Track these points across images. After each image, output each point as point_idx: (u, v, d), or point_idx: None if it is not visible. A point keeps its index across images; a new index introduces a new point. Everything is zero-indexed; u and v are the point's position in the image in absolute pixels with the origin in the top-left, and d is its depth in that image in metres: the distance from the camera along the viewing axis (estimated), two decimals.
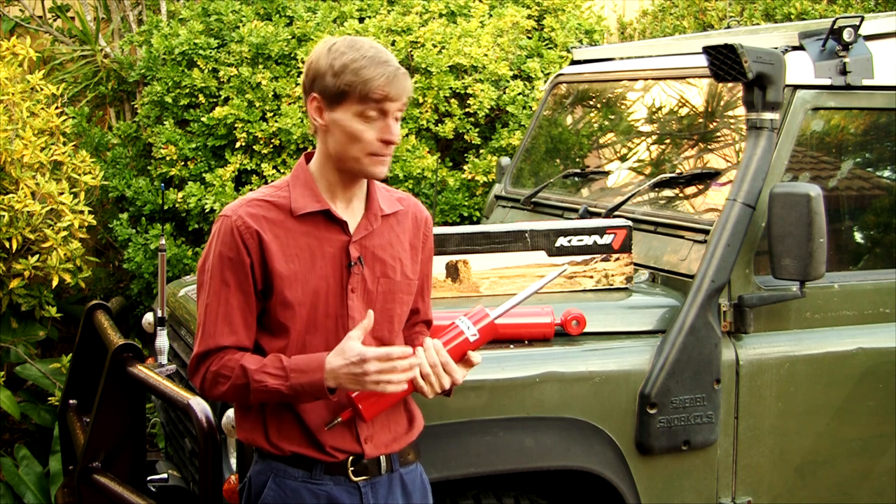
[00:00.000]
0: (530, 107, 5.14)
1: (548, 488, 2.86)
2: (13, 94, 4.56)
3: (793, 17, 6.44)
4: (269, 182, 4.77)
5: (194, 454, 2.95)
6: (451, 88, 5.05)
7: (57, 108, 4.81)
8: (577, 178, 3.77)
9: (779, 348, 3.00)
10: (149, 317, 3.57)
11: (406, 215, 2.30)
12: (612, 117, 3.87)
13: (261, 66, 5.12)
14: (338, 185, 2.19)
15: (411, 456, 2.30)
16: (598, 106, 3.98)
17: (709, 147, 3.33)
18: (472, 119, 5.14)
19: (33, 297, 4.67)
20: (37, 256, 4.44)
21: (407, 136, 4.97)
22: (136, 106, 5.75)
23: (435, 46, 5.15)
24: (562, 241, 3.09)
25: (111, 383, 2.77)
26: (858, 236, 3.29)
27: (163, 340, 3.21)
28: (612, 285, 3.09)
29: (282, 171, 4.97)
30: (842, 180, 3.23)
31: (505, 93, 5.18)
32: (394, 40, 5.20)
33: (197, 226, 5.13)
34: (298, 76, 5.10)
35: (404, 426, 2.28)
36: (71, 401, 3.34)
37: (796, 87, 3.02)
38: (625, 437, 2.80)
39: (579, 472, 2.76)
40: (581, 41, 5.54)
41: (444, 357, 2.15)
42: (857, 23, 3.04)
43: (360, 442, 2.18)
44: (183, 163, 5.15)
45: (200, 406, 2.43)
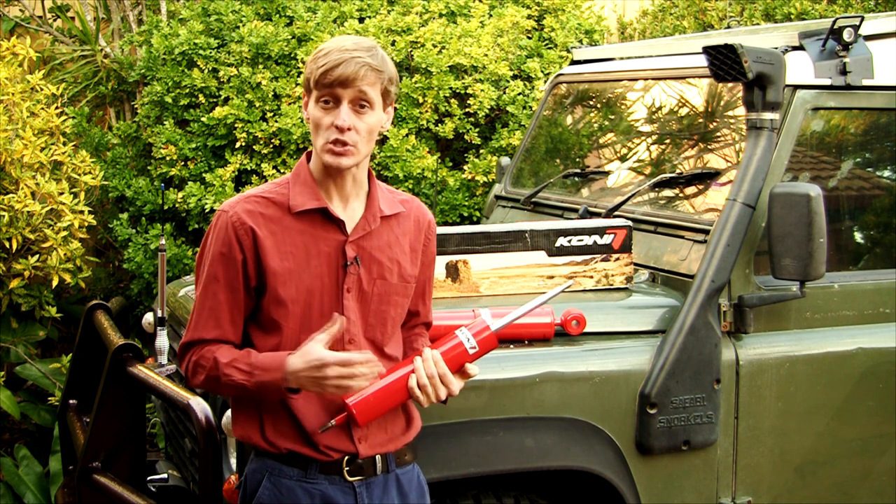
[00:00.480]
0: (530, 107, 5.14)
1: (548, 488, 2.86)
2: (13, 94, 4.56)
3: (793, 17, 6.44)
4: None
5: (194, 454, 2.95)
6: (451, 88, 5.05)
7: (57, 108, 4.81)
8: (577, 178, 3.77)
9: (779, 348, 3.00)
10: (149, 317, 3.57)
11: (408, 217, 2.29)
12: (612, 117, 3.87)
13: (261, 66, 5.12)
14: (330, 182, 2.19)
15: (408, 456, 2.30)
16: (598, 106, 3.98)
17: (709, 147, 3.33)
18: (472, 119, 5.14)
19: (33, 297, 4.67)
20: (37, 256, 4.44)
21: (407, 136, 4.97)
22: (136, 106, 5.75)
23: (435, 46, 5.15)
24: (562, 241, 3.09)
25: (111, 383, 2.77)
26: (858, 236, 3.29)
27: (163, 340, 3.21)
28: (612, 285, 3.09)
29: (282, 171, 4.97)
30: (842, 180, 3.23)
31: (505, 93, 5.18)
32: (394, 40, 5.20)
33: (197, 226, 5.13)
34: (298, 76, 5.10)
35: (401, 427, 2.27)
36: (71, 401, 3.34)
37: (796, 87, 3.02)
38: (625, 437, 2.80)
39: (579, 472, 2.76)
40: (581, 41, 5.54)
41: (442, 369, 2.15)
42: (857, 23, 3.04)
43: (355, 441, 2.18)
44: (183, 163, 5.15)
45: (200, 406, 2.43)
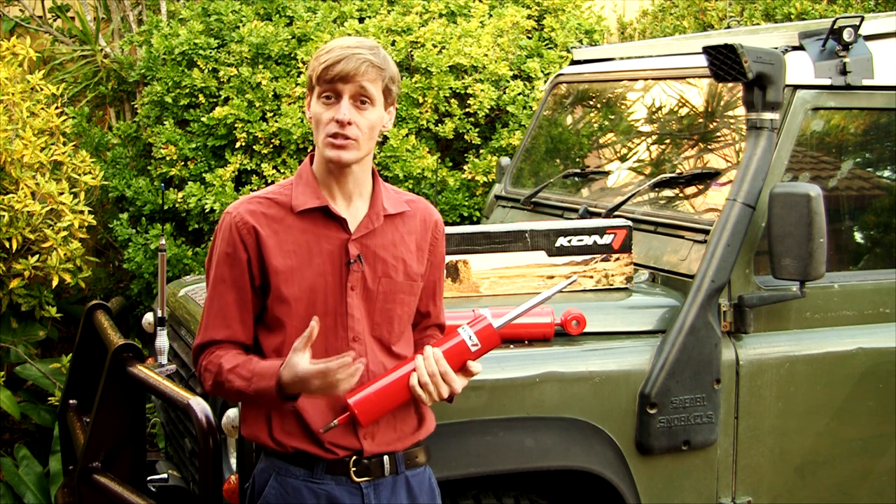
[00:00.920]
0: (530, 107, 5.14)
1: (548, 488, 2.86)
2: (13, 94, 4.56)
3: (793, 17, 6.44)
4: (269, 182, 4.80)
5: (194, 454, 2.95)
6: (451, 88, 5.05)
7: (57, 108, 4.81)
8: (577, 178, 3.77)
9: (779, 348, 3.00)
10: (149, 317, 3.57)
11: (413, 216, 2.30)
12: (612, 117, 3.87)
13: (261, 66, 5.12)
14: (333, 181, 2.20)
15: (420, 458, 2.29)
16: (598, 106, 3.98)
17: (709, 147, 3.33)
18: (472, 119, 5.14)
19: (33, 297, 4.67)
20: (37, 256, 4.44)
21: (407, 136, 4.97)
22: (136, 106, 5.75)
23: (435, 46, 5.15)
24: (562, 241, 3.08)
25: (111, 383, 2.77)
26: (858, 236, 3.29)
27: (163, 340, 3.21)
28: (612, 285, 3.09)
29: (282, 171, 4.97)
30: (842, 180, 3.23)
31: (505, 93, 5.18)
32: (394, 40, 5.20)
33: (197, 226, 5.13)
34: (298, 76, 5.10)
35: (412, 426, 2.27)
36: (71, 401, 3.34)
37: (796, 87, 3.02)
38: (625, 437, 2.80)
39: (579, 472, 2.76)
40: (581, 41, 5.54)
41: (444, 367, 2.16)
42: (857, 23, 3.04)
43: (360, 438, 2.18)
44: (183, 163, 5.15)
45: (200, 406, 2.43)
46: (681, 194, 3.26)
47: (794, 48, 3.07)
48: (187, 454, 3.09)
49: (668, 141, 3.53)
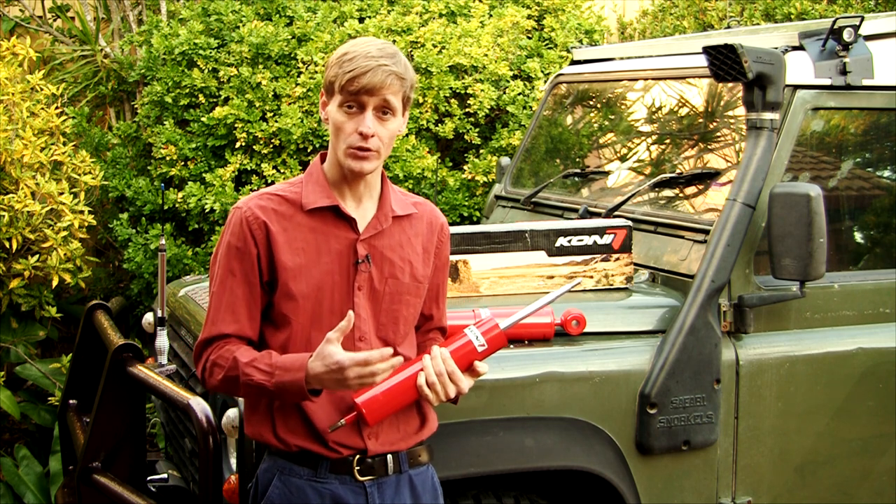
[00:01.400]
0: (530, 107, 5.14)
1: (548, 488, 2.86)
2: (13, 94, 4.56)
3: (793, 17, 6.44)
4: (269, 182, 4.80)
5: (194, 454, 2.95)
6: (451, 88, 5.05)
7: (57, 108, 4.81)
8: (577, 178, 3.77)
9: (779, 348, 2.99)
10: (149, 317, 3.57)
11: (420, 219, 2.31)
12: (612, 117, 3.87)
13: (261, 66, 5.12)
14: (344, 183, 2.21)
15: (423, 457, 2.29)
16: (598, 106, 3.98)
17: (709, 147, 3.33)
18: (472, 119, 5.14)
19: (33, 297, 4.67)
20: (37, 256, 4.44)
21: (407, 136, 4.97)
22: (136, 106, 5.75)
23: (435, 46, 5.15)
24: (562, 241, 3.08)
25: (111, 383, 2.77)
26: (858, 236, 3.29)
27: (163, 340, 3.21)
28: (612, 285, 3.09)
29: (282, 171, 4.97)
30: (842, 180, 3.23)
31: (505, 93, 5.18)
32: (394, 40, 5.20)
33: (197, 226, 5.13)
34: (298, 76, 5.10)
35: (415, 426, 2.27)
36: (71, 401, 3.34)
37: (796, 87, 3.02)
38: (625, 437, 2.80)
39: (579, 472, 2.76)
40: (581, 41, 5.54)
41: (451, 367, 2.16)
42: (857, 23, 3.04)
43: (364, 438, 2.19)
44: (183, 163, 5.15)
45: (200, 406, 2.43)
46: (681, 194, 3.26)
47: (794, 48, 3.07)
48: (187, 454, 3.09)
49: (668, 141, 3.53)
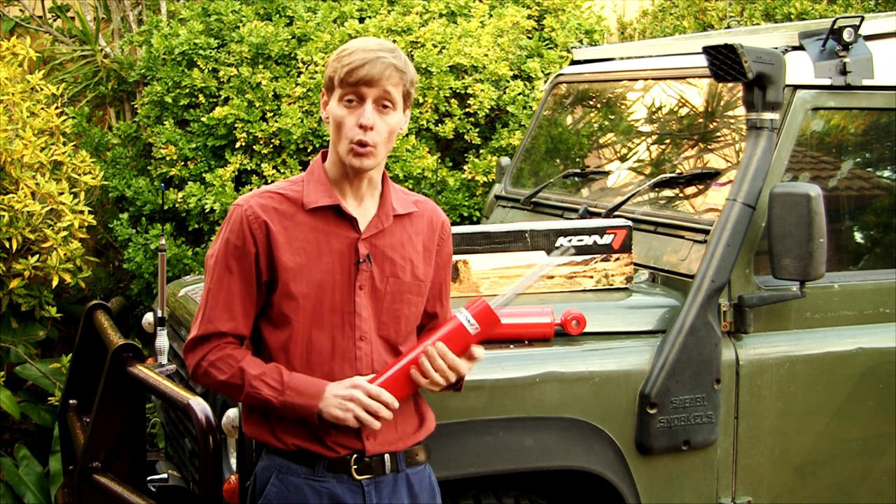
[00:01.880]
0: (530, 107, 5.14)
1: (548, 488, 2.86)
2: (13, 94, 4.56)
3: (793, 17, 6.44)
4: (270, 182, 4.79)
5: (194, 454, 2.95)
6: (451, 88, 5.05)
7: (57, 108, 4.81)
8: (577, 178, 3.77)
9: (779, 348, 2.99)
10: (149, 317, 3.57)
11: (421, 218, 2.30)
12: (612, 117, 3.87)
13: (261, 66, 5.12)
14: (345, 181, 2.21)
15: (420, 456, 2.29)
16: (598, 106, 3.98)
17: (709, 147, 3.33)
18: (472, 119, 5.14)
19: (33, 297, 4.67)
20: (37, 256, 4.44)
21: (407, 136, 4.97)
22: (136, 106, 5.75)
23: (435, 46, 5.15)
24: (562, 241, 3.08)
25: (111, 383, 2.77)
26: (858, 236, 3.29)
27: (163, 340, 3.21)
28: (612, 285, 3.09)
29: (282, 171, 4.97)
30: (842, 180, 3.23)
31: (505, 93, 5.18)
32: (394, 40, 5.20)
33: (197, 226, 5.13)
34: (298, 76, 5.10)
35: (413, 426, 2.27)
36: (71, 401, 3.34)
37: (796, 87, 3.02)
38: (625, 437, 2.80)
39: (579, 472, 2.76)
40: (581, 41, 5.54)
41: (451, 361, 2.16)
42: (857, 23, 3.04)
43: (362, 438, 2.19)
44: (183, 163, 5.15)
45: (200, 406, 2.43)
46: (681, 194, 3.26)
47: (794, 48, 3.07)
48: (187, 454, 3.09)
49: (667, 141, 3.53)
